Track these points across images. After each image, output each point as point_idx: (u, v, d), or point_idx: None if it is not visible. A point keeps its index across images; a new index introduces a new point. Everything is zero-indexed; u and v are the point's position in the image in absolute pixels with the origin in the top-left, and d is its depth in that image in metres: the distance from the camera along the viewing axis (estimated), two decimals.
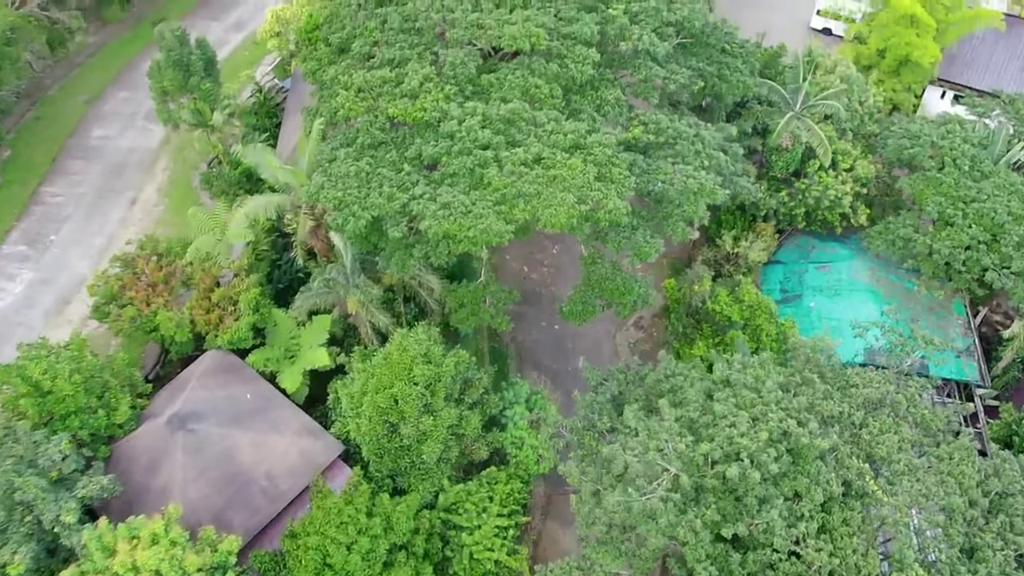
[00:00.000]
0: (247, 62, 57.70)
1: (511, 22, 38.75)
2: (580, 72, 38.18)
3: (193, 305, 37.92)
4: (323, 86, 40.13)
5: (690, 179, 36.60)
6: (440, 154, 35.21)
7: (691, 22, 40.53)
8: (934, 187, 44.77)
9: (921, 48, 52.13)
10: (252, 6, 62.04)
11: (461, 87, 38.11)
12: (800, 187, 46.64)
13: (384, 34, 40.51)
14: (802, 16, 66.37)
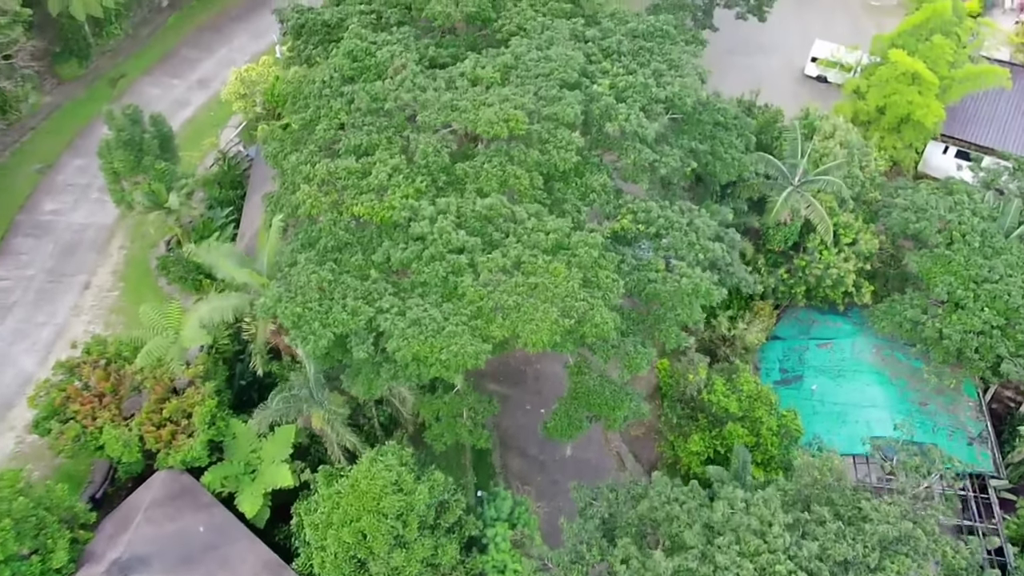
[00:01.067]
0: (211, 124, 54.46)
1: (487, 103, 35.69)
2: (563, 160, 35.13)
3: (143, 420, 34.61)
4: (284, 174, 36.96)
5: (684, 278, 33.59)
6: (410, 259, 32.06)
7: (682, 99, 37.54)
8: (943, 265, 41.93)
9: (924, 107, 49.36)
10: (216, 62, 58.77)
11: (434, 177, 35.00)
12: (800, 264, 43.75)
13: (351, 116, 37.36)
14: (796, 62, 63.64)
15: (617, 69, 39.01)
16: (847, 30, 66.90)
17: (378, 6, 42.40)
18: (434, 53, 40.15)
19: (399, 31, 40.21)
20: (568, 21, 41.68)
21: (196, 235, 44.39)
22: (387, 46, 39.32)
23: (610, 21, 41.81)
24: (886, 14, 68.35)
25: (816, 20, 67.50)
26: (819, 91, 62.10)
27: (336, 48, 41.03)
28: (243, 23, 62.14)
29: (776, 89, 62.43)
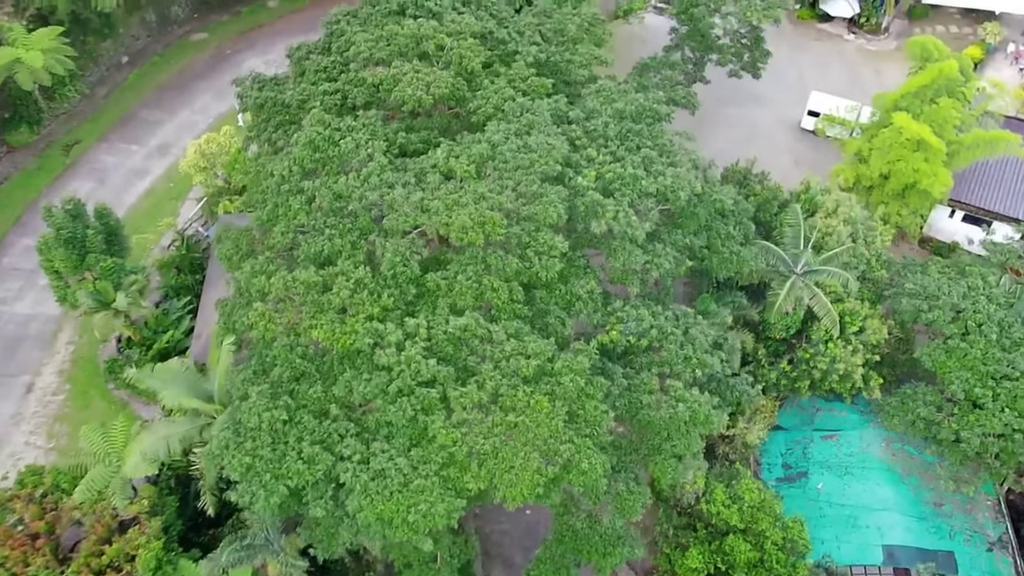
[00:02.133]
0: (171, 196, 50.94)
1: (461, 203, 32.31)
2: (545, 269, 31.77)
3: (79, 568, 31.00)
4: (238, 283, 33.48)
5: (680, 403, 30.27)
6: (375, 393, 28.62)
7: (675, 193, 34.25)
8: (958, 359, 38.75)
9: (931, 176, 46.28)
10: (178, 125, 55.28)
11: (403, 290, 31.62)
12: (804, 356, 40.51)
13: (311, 216, 33.95)
14: (791, 115, 60.54)
15: (603, 156, 35.73)
16: (843, 76, 63.99)
17: (343, 84, 39.01)
18: (404, 139, 36.76)
19: (365, 115, 36.80)
20: (550, 100, 38.45)
21: (150, 330, 40.83)
22: (352, 133, 35.92)
23: (595, 99, 38.52)
24: (883, 59, 65.47)
25: (810, 66, 64.57)
26: (816, 145, 59.01)
27: (298, 131, 37.69)
28: (206, 81, 58.65)
29: (771, 143, 59.45)
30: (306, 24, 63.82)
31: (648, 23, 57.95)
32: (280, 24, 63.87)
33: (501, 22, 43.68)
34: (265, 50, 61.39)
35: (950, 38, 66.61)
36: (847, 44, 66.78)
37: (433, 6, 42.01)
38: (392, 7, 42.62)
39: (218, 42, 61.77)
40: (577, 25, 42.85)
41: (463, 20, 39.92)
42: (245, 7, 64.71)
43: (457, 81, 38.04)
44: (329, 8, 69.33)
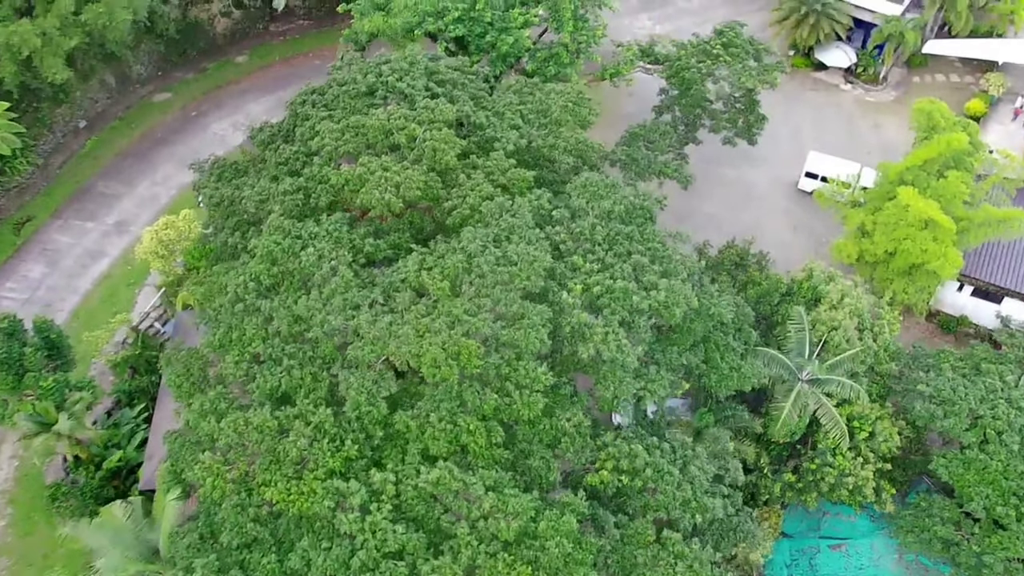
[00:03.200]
0: (128, 280, 47.53)
1: (434, 329, 29.10)
2: (527, 406, 28.56)
3: None
4: (187, 417, 30.14)
5: (679, 561, 27.11)
6: (335, 567, 25.34)
7: (669, 310, 31.11)
8: (977, 472, 35.77)
9: (940, 256, 43.26)
10: (138, 199, 51.89)
11: (368, 433, 28.39)
12: (810, 467, 37.42)
13: (268, 343, 30.67)
14: (788, 174, 57.55)
15: (591, 264, 32.60)
16: (841, 130, 61.10)
17: (307, 181, 35.73)
18: (371, 247, 33.50)
19: (329, 220, 33.54)
20: (532, 196, 35.29)
21: (99, 446, 37.40)
22: (314, 242, 32.70)
23: (581, 195, 35.35)
24: (882, 111, 62.61)
25: (807, 119, 61.60)
26: (815, 208, 55.81)
27: (256, 235, 34.45)
28: (169, 147, 55.26)
29: (767, 206, 56.47)
30: (275, 82, 60.73)
31: (637, 77, 54.84)
32: (248, 82, 60.56)
33: (479, 101, 40.60)
34: (232, 111, 58.09)
35: (950, 87, 63.97)
36: (844, 95, 63.88)
37: (405, 88, 38.87)
38: (361, 88, 39.43)
39: (183, 103, 58.40)
40: (561, 106, 39.72)
41: (437, 107, 36.71)
42: (211, 63, 61.38)
43: (430, 178, 34.83)
44: (299, 65, 66.85)
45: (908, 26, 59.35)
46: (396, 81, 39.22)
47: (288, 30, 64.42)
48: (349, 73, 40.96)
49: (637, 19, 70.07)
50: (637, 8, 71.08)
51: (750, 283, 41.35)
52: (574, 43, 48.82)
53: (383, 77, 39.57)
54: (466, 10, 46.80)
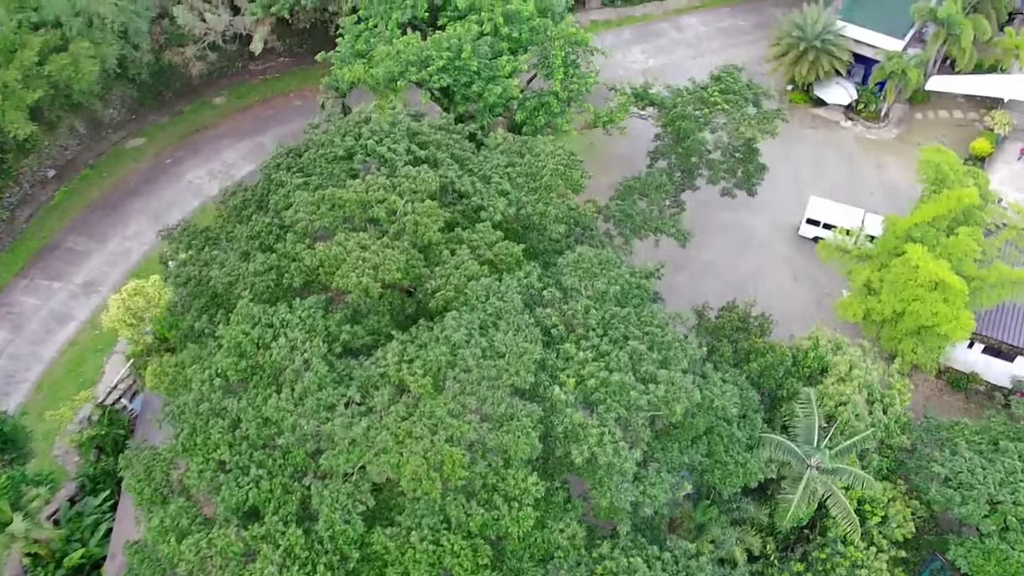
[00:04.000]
0: (96, 347, 45.00)
1: (415, 435, 26.74)
2: (517, 521, 26.25)
3: None
4: (147, 534, 27.70)
5: None
6: None
7: (670, 406, 28.80)
8: (998, 563, 33.57)
9: (951, 319, 41.17)
10: (108, 256, 49.38)
11: (344, 554, 26.00)
12: (820, 556, 35.12)
13: (235, 449, 28.24)
14: (788, 218, 55.33)
15: (584, 353, 30.25)
16: (842, 171, 58.97)
17: (279, 258, 33.35)
18: (348, 335, 31.11)
19: (302, 305, 31.14)
20: (521, 273, 32.98)
21: (60, 540, 34.87)
22: (287, 330, 30.29)
23: (573, 273, 33.00)
24: (884, 150, 60.52)
25: (806, 159, 59.44)
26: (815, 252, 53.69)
27: (225, 321, 32.05)
28: (142, 199, 52.77)
29: (767, 253, 54.26)
30: (254, 125, 58.30)
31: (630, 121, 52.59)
32: (226, 125, 58.09)
33: (464, 163, 38.29)
34: (209, 157, 55.64)
35: (954, 124, 61.94)
36: (845, 132, 61.76)
37: (385, 152, 36.57)
38: (338, 152, 37.09)
39: (157, 149, 55.90)
40: (552, 169, 37.41)
41: (419, 176, 34.38)
42: (188, 105, 58.90)
43: (411, 256, 32.53)
44: (280, 106, 64.00)
45: (911, 63, 57.27)
46: (376, 144, 36.90)
47: (268, 68, 61.99)
48: (326, 134, 38.63)
49: (630, 52, 67.87)
50: (630, 40, 68.90)
51: (753, 352, 39.06)
52: (565, 91, 46.52)
53: (362, 140, 37.25)
54: (451, 59, 44.46)
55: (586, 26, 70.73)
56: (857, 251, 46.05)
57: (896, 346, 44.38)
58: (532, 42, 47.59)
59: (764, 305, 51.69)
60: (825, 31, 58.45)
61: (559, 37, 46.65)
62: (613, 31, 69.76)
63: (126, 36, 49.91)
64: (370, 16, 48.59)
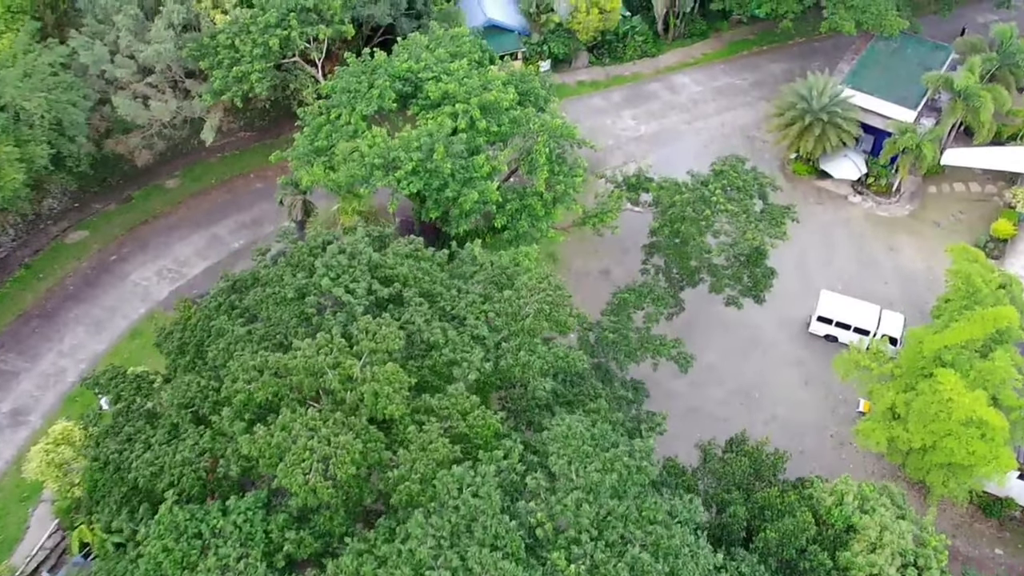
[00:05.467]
0: (20, 496, 39.60)
1: None
2: None
3: None
4: None
5: None
6: None
7: None
8: None
9: (991, 459, 36.42)
10: (39, 377, 44.03)
11: None
12: None
13: None
14: (796, 312, 50.41)
15: (576, 567, 25.23)
16: (852, 254, 54.19)
17: (212, 439, 28.17)
18: (293, 544, 26.01)
19: (239, 507, 26.01)
20: (499, 453, 27.96)
21: None
22: (218, 542, 25.20)
23: (562, 453, 27.94)
24: (897, 229, 55.78)
25: (813, 241, 54.49)
26: (830, 355, 48.80)
27: (149, 515, 26.90)
28: (82, 304, 47.50)
29: (774, 353, 49.35)
30: (209, 214, 53.08)
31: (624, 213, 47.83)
32: (179, 213, 52.87)
33: (434, 300, 33.23)
34: (158, 253, 50.42)
35: (971, 199, 57.32)
36: (853, 209, 57.02)
37: (342, 293, 31.51)
38: (288, 293, 32.01)
39: (101, 243, 50.60)
40: (536, 309, 32.41)
41: (380, 332, 29.30)
42: (137, 190, 53.66)
43: (370, 438, 27.47)
44: (238, 189, 57.59)
45: (925, 138, 52.63)
46: (332, 283, 31.85)
47: (227, 144, 56.80)
48: (276, 268, 33.55)
49: (620, 118, 63.03)
50: (620, 104, 64.05)
51: (768, 508, 34.09)
52: (550, 192, 41.59)
53: (316, 276, 32.21)
54: (422, 160, 39.44)
55: (572, 87, 66.18)
56: (878, 368, 41.21)
57: (923, 476, 39.64)
58: (514, 133, 42.71)
59: (773, 413, 47.11)
60: (832, 103, 53.75)
61: (543, 130, 41.71)
62: (601, 93, 64.91)
63: (61, 128, 44.64)
64: (333, 106, 43.58)
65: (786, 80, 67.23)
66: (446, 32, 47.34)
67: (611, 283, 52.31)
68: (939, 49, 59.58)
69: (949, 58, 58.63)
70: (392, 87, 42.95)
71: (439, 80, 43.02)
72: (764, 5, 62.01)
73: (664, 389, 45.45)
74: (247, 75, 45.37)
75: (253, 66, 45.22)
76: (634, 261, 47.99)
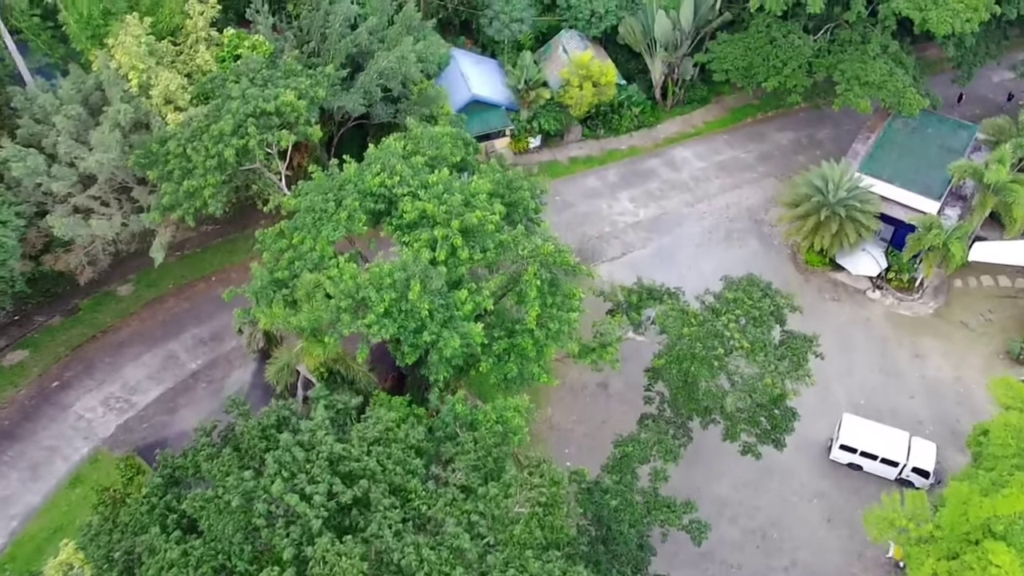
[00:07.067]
0: None
1: None
2: None
3: None
4: None
5: None
6: None
7: None
8: None
9: None
10: None
11: None
12: None
13: None
14: (814, 434, 45.51)
15: None
16: (874, 361, 49.48)
17: None
18: None
19: None
20: None
21: None
22: None
23: None
24: (921, 331, 51.05)
25: (830, 345, 48.14)
26: (855, 487, 44.11)
27: None
28: (17, 443, 42.10)
29: (791, 484, 44.48)
30: (165, 326, 47.91)
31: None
32: (131, 326, 47.75)
33: (407, 498, 28.20)
34: (106, 377, 45.32)
35: (1000, 295, 52.66)
36: (873, 306, 52.28)
37: (296, 501, 26.47)
38: (232, 500, 26.93)
39: (42, 367, 45.39)
40: (528, 513, 27.41)
41: (340, 565, 24.27)
42: (85, 299, 48.44)
43: None
44: (198, 296, 49.89)
45: (953, 236, 47.94)
46: (283, 487, 26.79)
47: (186, 242, 51.72)
48: (218, 464, 28.47)
49: (616, 200, 58.16)
50: (616, 185, 59.19)
51: None
52: (542, 331, 36.61)
53: (267, 476, 27.17)
54: (395, 300, 34.41)
55: (565, 164, 61.19)
56: (916, 530, 36.34)
57: None
58: (501, 260, 37.82)
59: (793, 559, 42.11)
60: (850, 196, 49.00)
61: (534, 257, 36.77)
62: (596, 172, 60.05)
63: None
64: (296, 228, 38.58)
65: (794, 152, 62.81)
66: (424, 132, 42.41)
67: (610, 398, 47.55)
68: (962, 128, 54.99)
69: (973, 138, 54.07)
70: (363, 207, 37.98)
71: (416, 197, 38.08)
72: (771, 79, 57.15)
73: (671, 531, 40.54)
74: (199, 190, 40.29)
75: (206, 179, 40.14)
76: (635, 371, 43.08)
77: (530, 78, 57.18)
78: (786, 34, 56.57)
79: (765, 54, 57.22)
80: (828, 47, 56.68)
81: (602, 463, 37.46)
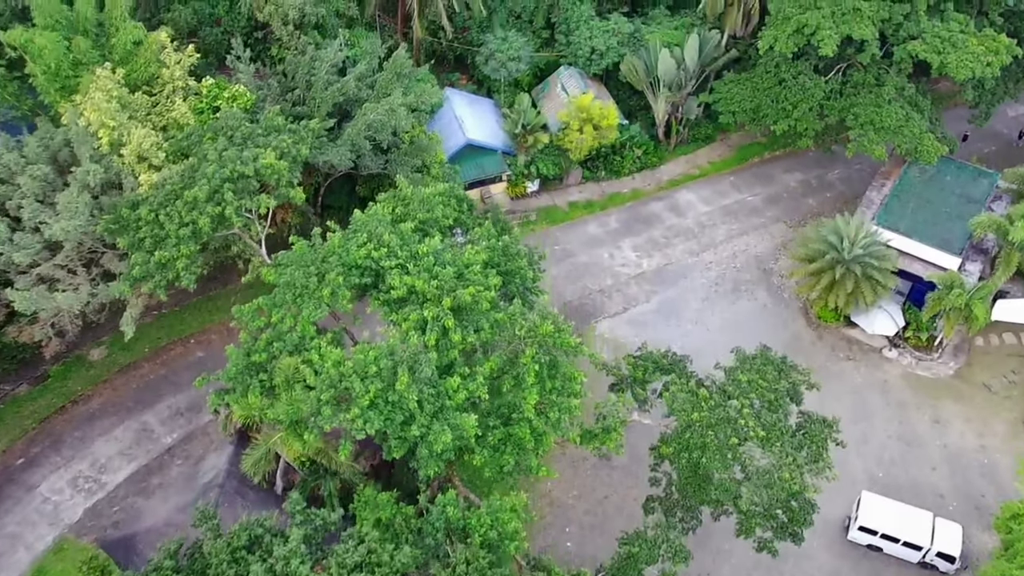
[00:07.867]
0: None
1: None
2: None
3: None
4: None
5: None
6: None
7: None
8: None
9: None
10: None
11: None
12: None
13: None
14: (830, 512, 42.15)
15: None
16: (892, 429, 46.59)
17: None
18: None
19: None
20: None
21: None
22: None
23: None
24: (941, 394, 48.23)
25: (844, 408, 46.19)
26: (871, 565, 41.37)
27: None
28: None
29: (808, 567, 41.49)
30: (139, 394, 45.03)
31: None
32: (103, 395, 44.89)
33: None
34: (75, 453, 42.43)
35: (1023, 353, 50.08)
36: (889, 367, 49.46)
37: None
38: None
39: (7, 441, 42.46)
40: None
41: None
42: (54, 364, 45.56)
43: None
44: (175, 360, 46.47)
45: (976, 296, 45.22)
46: None
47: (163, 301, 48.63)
48: None
49: (619, 249, 55.34)
50: (618, 232, 56.38)
51: None
52: (541, 419, 33.79)
53: None
54: (381, 391, 31.55)
55: (564, 210, 58.37)
56: None
57: None
58: (496, 340, 35.03)
59: None
60: (866, 252, 46.24)
61: (532, 337, 33.94)
62: (597, 217, 57.26)
63: None
64: (275, 305, 35.76)
65: (803, 194, 60.09)
66: (415, 193, 39.65)
67: (612, 471, 44.67)
68: (983, 176, 52.27)
69: (994, 187, 51.39)
70: (347, 281, 35.20)
71: (405, 270, 35.31)
72: (780, 122, 54.41)
73: None
74: (172, 261, 37.46)
75: (179, 250, 37.30)
76: (638, 442, 40.24)
77: (528, 122, 54.42)
78: (796, 75, 53.78)
79: (774, 95, 54.48)
80: (840, 89, 53.95)
81: (604, 544, 34.74)
